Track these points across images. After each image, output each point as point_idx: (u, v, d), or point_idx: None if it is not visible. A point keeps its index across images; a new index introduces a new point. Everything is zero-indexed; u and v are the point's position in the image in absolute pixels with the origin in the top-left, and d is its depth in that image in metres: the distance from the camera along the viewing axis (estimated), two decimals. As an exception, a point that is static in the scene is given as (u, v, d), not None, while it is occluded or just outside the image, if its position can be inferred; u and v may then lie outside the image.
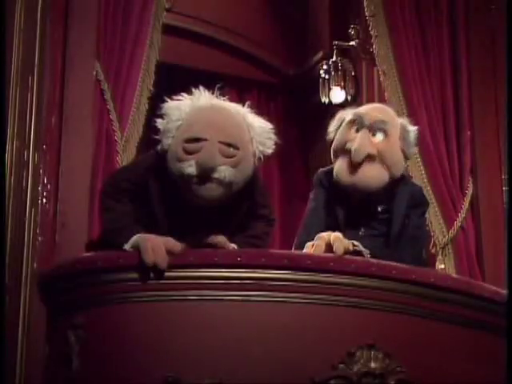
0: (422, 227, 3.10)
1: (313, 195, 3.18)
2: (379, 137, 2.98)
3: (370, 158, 2.95)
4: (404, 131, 3.04)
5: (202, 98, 2.75)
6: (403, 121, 3.11)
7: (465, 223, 4.48)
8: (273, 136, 2.76)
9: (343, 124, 3.06)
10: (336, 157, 3.05)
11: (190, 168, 2.60)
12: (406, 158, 3.07)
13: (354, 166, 2.95)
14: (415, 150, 3.13)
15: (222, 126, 2.66)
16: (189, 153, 2.62)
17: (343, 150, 3.00)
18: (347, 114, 3.09)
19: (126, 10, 4.06)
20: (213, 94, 2.78)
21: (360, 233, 2.99)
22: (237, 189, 2.68)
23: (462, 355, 2.58)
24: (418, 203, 3.06)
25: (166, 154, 2.69)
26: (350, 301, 2.48)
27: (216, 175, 2.60)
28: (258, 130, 2.74)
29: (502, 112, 4.51)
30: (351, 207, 3.04)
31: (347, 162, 2.97)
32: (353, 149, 2.95)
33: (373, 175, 2.96)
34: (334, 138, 3.08)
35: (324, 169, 3.19)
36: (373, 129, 2.98)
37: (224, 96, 2.82)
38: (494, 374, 2.63)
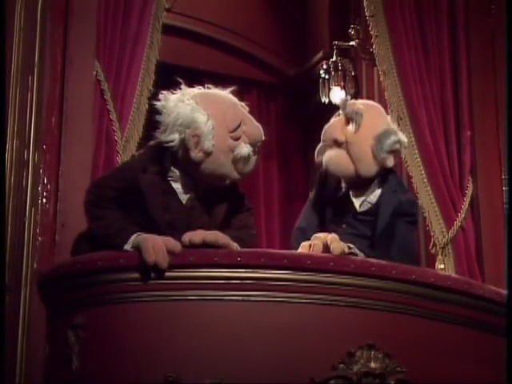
0: (409, 237, 3.10)
1: (314, 189, 3.33)
2: (351, 127, 3.10)
3: (336, 143, 3.11)
4: (383, 135, 3.08)
5: (188, 93, 2.79)
6: (391, 128, 3.15)
7: (465, 223, 4.47)
8: None
9: None
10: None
11: (246, 149, 2.74)
12: (378, 161, 3.07)
13: (325, 148, 3.15)
14: (390, 159, 3.10)
15: (237, 101, 2.84)
16: (237, 139, 2.74)
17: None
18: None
19: (126, 10, 4.05)
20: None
21: (342, 229, 3.03)
22: None
23: (462, 355, 2.58)
24: (405, 213, 3.07)
25: (207, 158, 2.71)
26: (349, 301, 2.48)
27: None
28: None
29: (502, 112, 4.50)
30: (335, 204, 3.10)
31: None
32: (324, 128, 3.17)
33: (335, 159, 3.11)
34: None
35: None
36: (348, 117, 3.12)
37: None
38: (493, 374, 2.63)
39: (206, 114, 2.71)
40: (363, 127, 3.08)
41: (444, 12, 4.70)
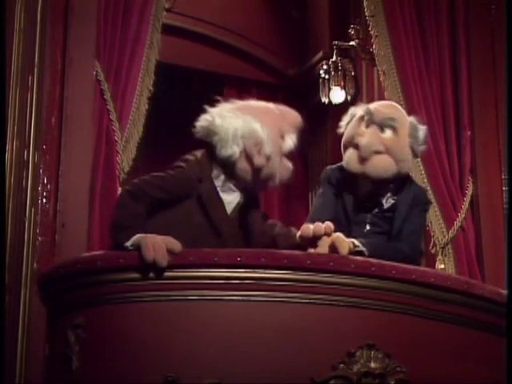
0: (421, 223, 3.16)
1: (321, 191, 3.23)
2: (388, 133, 3.05)
3: (376, 153, 3.03)
4: (413, 129, 3.11)
5: (226, 109, 2.92)
6: (413, 119, 3.16)
7: (465, 223, 4.47)
8: None
9: (353, 119, 3.13)
10: (346, 149, 3.11)
11: (290, 141, 2.97)
12: (415, 155, 3.14)
13: (363, 159, 3.03)
14: (424, 147, 3.18)
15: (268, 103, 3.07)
16: (283, 135, 2.96)
17: (352, 144, 3.07)
18: (358, 110, 3.15)
19: (126, 9, 4.06)
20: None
21: (365, 230, 3.03)
22: None
23: (461, 355, 2.58)
24: (420, 202, 3.11)
25: (267, 162, 2.87)
26: (349, 301, 2.48)
27: None
28: None
29: (502, 112, 4.51)
30: (358, 204, 3.08)
31: (357, 153, 3.05)
32: (361, 144, 3.03)
33: (381, 165, 3.05)
34: (344, 133, 3.15)
35: (332, 166, 3.23)
36: (382, 125, 3.05)
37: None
38: (493, 374, 2.63)
39: (258, 122, 2.87)
40: (399, 129, 3.07)
41: (444, 12, 4.70)
